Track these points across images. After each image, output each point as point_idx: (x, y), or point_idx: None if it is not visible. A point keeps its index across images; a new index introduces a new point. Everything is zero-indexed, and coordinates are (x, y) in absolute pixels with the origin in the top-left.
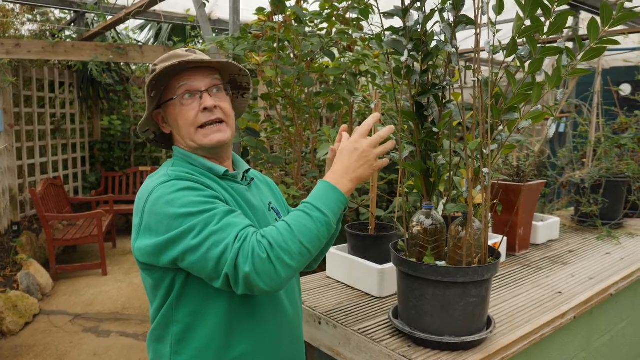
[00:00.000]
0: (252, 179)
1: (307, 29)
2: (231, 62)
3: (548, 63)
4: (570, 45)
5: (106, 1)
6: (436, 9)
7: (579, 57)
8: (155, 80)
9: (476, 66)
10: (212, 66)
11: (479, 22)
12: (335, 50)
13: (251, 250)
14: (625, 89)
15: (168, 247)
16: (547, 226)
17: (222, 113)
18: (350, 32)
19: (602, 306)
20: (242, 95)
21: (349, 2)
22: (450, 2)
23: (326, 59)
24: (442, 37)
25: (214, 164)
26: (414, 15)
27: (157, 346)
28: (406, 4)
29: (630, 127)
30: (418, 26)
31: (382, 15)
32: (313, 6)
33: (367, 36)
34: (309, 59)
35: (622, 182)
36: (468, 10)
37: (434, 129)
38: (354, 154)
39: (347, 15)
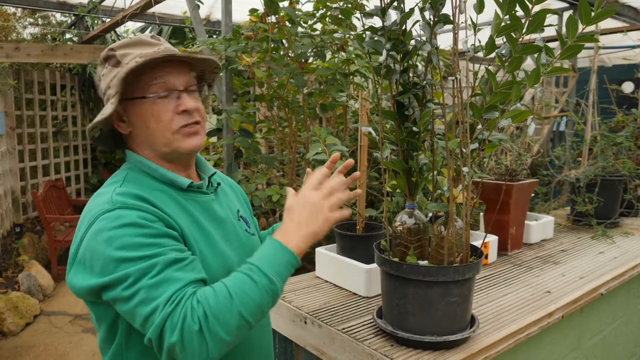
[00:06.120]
0: (219, 184)
1: (300, 30)
2: (213, 59)
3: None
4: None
5: (100, 4)
6: (417, 7)
7: (558, 55)
8: (129, 73)
9: (455, 65)
10: (190, 62)
11: (456, 21)
12: (328, 51)
13: (182, 319)
14: (628, 87)
15: (101, 291)
16: (540, 225)
17: (199, 116)
18: (340, 32)
19: (592, 305)
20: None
21: (342, 3)
22: (430, 1)
23: None
24: (423, 37)
25: (176, 176)
26: (393, 15)
27: None
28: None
29: (627, 125)
30: (397, 26)
31: (362, 15)
32: (307, 6)
33: (350, 37)
34: (302, 59)
35: (618, 180)
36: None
37: (414, 128)
38: (304, 209)
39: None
